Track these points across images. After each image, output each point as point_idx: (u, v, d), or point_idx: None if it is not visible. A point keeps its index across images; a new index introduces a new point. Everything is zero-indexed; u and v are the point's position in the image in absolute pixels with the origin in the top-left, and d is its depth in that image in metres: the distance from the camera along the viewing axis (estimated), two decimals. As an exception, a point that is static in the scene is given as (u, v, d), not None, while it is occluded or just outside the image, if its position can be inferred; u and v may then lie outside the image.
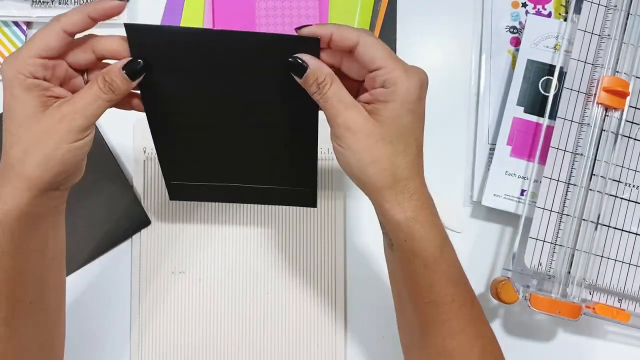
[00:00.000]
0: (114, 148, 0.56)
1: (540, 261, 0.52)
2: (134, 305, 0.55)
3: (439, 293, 0.40)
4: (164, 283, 0.55)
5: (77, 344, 0.53)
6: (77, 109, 0.37)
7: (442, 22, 0.58)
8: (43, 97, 0.37)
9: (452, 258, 0.40)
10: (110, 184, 0.55)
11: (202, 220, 0.56)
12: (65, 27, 0.36)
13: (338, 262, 0.56)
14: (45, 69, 0.37)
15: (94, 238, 0.55)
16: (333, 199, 0.56)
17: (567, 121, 0.53)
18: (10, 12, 0.55)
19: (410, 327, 0.43)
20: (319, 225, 0.56)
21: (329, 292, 0.56)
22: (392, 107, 0.37)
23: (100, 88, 0.37)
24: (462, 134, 0.57)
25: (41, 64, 0.36)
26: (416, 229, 0.38)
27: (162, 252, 0.55)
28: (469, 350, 0.41)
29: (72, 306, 0.54)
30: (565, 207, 0.53)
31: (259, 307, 0.55)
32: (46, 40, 0.36)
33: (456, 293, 0.40)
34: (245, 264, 0.56)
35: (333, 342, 0.55)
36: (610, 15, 0.53)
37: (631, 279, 0.53)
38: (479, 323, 0.42)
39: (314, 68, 0.38)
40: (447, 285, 0.40)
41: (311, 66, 0.37)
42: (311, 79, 0.37)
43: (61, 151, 0.36)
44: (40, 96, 0.37)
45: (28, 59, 0.36)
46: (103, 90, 0.37)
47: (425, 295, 0.40)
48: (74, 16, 0.37)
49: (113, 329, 0.55)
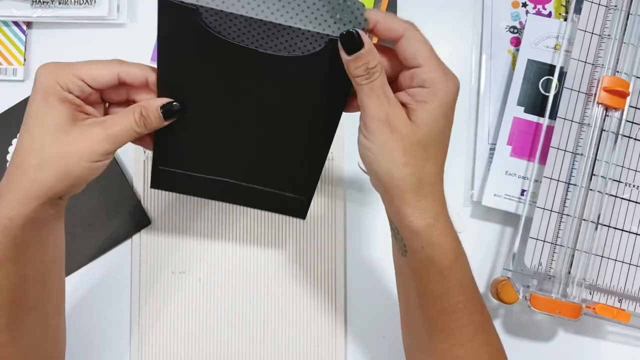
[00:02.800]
0: (114, 148, 0.56)
1: (541, 261, 0.52)
2: (134, 305, 0.55)
3: (451, 301, 0.39)
4: (164, 283, 0.55)
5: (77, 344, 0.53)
6: (110, 134, 0.37)
7: (442, 22, 0.58)
8: (75, 112, 0.37)
9: (466, 265, 0.40)
10: (110, 184, 0.55)
11: (202, 220, 0.56)
12: (122, 73, 0.38)
13: (338, 262, 0.56)
14: (82, 91, 0.37)
15: (94, 238, 0.55)
16: (333, 200, 0.56)
17: (567, 121, 0.53)
18: (10, 12, 0.55)
19: (416, 332, 0.43)
20: (319, 225, 0.56)
21: (329, 292, 0.56)
22: (430, 108, 0.35)
23: (136, 121, 0.38)
24: (462, 134, 0.57)
25: (80, 86, 0.37)
26: (435, 237, 0.37)
27: (162, 252, 0.55)
28: (477, 358, 0.40)
29: (72, 306, 0.54)
30: (566, 207, 0.53)
31: (259, 307, 0.55)
32: (99, 72, 0.37)
33: (467, 300, 0.39)
34: (245, 264, 0.56)
35: (333, 342, 0.55)
36: (611, 15, 0.53)
37: (631, 279, 0.53)
38: (487, 331, 0.42)
39: (368, 49, 0.35)
40: (459, 293, 0.39)
41: (366, 46, 0.35)
42: (362, 60, 0.35)
43: (80, 168, 0.37)
44: (73, 110, 0.37)
45: (72, 75, 0.37)
46: (137, 123, 0.38)
47: (437, 303, 0.39)
48: (137, 70, 0.38)
49: (113, 329, 0.55)
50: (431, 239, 0.37)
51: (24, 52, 0.56)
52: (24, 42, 0.56)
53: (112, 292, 0.55)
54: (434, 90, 0.35)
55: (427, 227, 0.37)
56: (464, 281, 0.39)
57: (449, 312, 0.39)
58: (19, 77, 0.56)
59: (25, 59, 0.56)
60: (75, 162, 0.37)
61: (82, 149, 0.36)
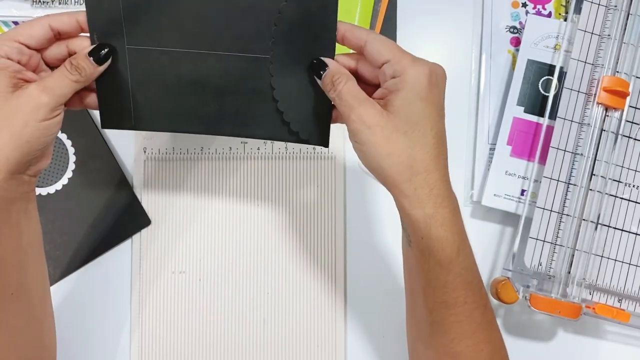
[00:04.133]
0: (114, 148, 0.56)
1: (540, 261, 0.52)
2: (134, 305, 0.55)
3: (452, 294, 0.39)
4: (164, 283, 0.55)
5: (77, 344, 0.53)
6: (46, 87, 0.38)
7: (442, 22, 0.58)
8: (14, 79, 0.38)
9: (469, 260, 0.40)
10: (110, 184, 0.55)
11: (202, 220, 0.56)
12: (52, 22, 0.39)
13: (338, 262, 0.56)
14: (21, 54, 0.38)
15: (94, 238, 0.54)
16: (333, 201, 0.56)
17: (567, 121, 0.53)
18: (10, 12, 0.55)
19: (419, 325, 0.43)
20: (319, 225, 0.56)
21: (330, 292, 0.56)
22: (402, 95, 0.37)
23: (67, 69, 0.39)
24: (462, 134, 0.57)
25: (18, 48, 0.38)
26: (434, 228, 0.38)
27: (162, 252, 0.55)
28: (476, 354, 0.40)
29: (72, 306, 0.54)
30: (565, 207, 0.53)
31: (259, 307, 0.55)
32: (30, 29, 0.38)
33: (469, 296, 0.40)
34: (245, 264, 0.56)
35: (333, 341, 0.55)
36: (610, 15, 0.53)
37: (631, 279, 0.53)
38: (489, 328, 0.42)
39: (332, 68, 0.40)
40: (460, 287, 0.39)
41: (330, 67, 0.40)
42: (328, 77, 0.39)
43: (29, 129, 0.37)
44: (12, 77, 0.38)
45: (7, 40, 0.38)
46: (70, 70, 0.39)
47: (437, 295, 0.39)
48: (64, 16, 0.39)
49: (113, 329, 0.55)
50: (430, 230, 0.37)
51: (23, 52, 0.56)
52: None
53: (112, 292, 0.55)
54: (404, 78, 0.37)
55: (426, 217, 0.37)
56: (466, 276, 0.39)
57: (450, 305, 0.39)
58: (19, 77, 0.56)
59: (25, 58, 0.56)
60: (22, 125, 0.37)
61: (24, 110, 0.37)
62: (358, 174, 0.57)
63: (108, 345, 0.55)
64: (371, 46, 0.39)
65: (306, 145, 0.56)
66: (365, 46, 0.39)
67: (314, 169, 0.56)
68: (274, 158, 0.56)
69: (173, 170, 0.56)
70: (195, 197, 0.56)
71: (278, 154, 0.56)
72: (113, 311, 0.55)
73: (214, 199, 0.56)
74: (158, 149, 0.56)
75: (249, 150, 0.56)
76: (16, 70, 0.38)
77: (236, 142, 0.56)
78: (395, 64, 0.38)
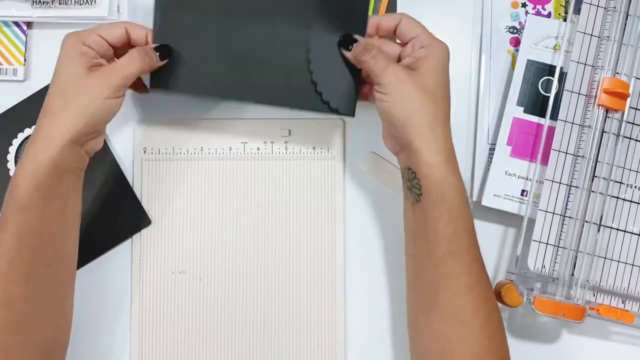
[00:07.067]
0: (114, 148, 0.56)
1: (544, 264, 0.52)
2: (134, 305, 0.55)
3: (458, 242, 0.43)
4: (164, 283, 0.55)
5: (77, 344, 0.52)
6: (114, 69, 0.45)
7: (442, 22, 0.59)
8: (91, 63, 0.45)
9: (470, 212, 0.44)
10: (110, 184, 0.55)
11: (202, 219, 0.56)
12: (129, 27, 0.47)
13: (338, 262, 0.56)
14: (99, 46, 0.46)
15: (94, 238, 0.54)
16: (333, 197, 0.56)
17: (568, 123, 0.53)
18: (10, 12, 0.55)
19: (424, 289, 0.45)
20: (319, 225, 0.56)
21: (329, 293, 0.55)
22: (431, 61, 0.44)
23: (136, 55, 0.45)
24: (462, 134, 0.57)
25: (97, 41, 0.46)
26: (449, 174, 0.43)
27: (162, 252, 0.55)
28: (476, 311, 0.43)
29: (71, 306, 0.54)
30: (568, 209, 0.52)
31: (259, 307, 0.55)
32: (111, 27, 0.47)
33: (471, 246, 0.44)
34: (245, 264, 0.55)
35: (333, 341, 0.55)
36: (609, 17, 0.53)
37: (635, 279, 0.53)
38: (486, 287, 0.45)
39: (363, 40, 0.47)
40: (465, 235, 0.44)
41: (360, 40, 0.47)
42: (361, 45, 0.46)
43: (95, 104, 0.43)
44: (89, 61, 0.44)
45: (91, 33, 0.45)
46: (139, 56, 0.45)
47: (444, 245, 0.43)
48: (138, 28, 0.48)
49: (113, 328, 0.55)
50: (446, 175, 0.43)
51: (24, 53, 0.56)
52: (24, 43, 0.56)
53: (112, 292, 0.55)
54: (432, 48, 0.45)
55: (444, 162, 0.43)
56: (469, 225, 0.44)
57: (455, 255, 0.43)
58: (19, 78, 0.56)
59: (26, 59, 0.56)
60: (91, 100, 0.43)
61: (94, 87, 0.43)
62: (358, 174, 0.57)
63: (108, 345, 0.55)
64: (406, 22, 0.46)
65: (306, 146, 0.56)
66: (400, 23, 0.46)
67: (314, 169, 0.56)
68: (274, 158, 0.56)
69: (173, 170, 0.56)
70: (195, 197, 0.56)
71: (278, 154, 0.56)
72: (113, 311, 0.55)
73: (214, 199, 0.56)
74: (158, 149, 0.56)
75: (249, 150, 0.56)
76: (93, 57, 0.45)
77: (236, 142, 0.56)
78: (425, 38, 0.45)
